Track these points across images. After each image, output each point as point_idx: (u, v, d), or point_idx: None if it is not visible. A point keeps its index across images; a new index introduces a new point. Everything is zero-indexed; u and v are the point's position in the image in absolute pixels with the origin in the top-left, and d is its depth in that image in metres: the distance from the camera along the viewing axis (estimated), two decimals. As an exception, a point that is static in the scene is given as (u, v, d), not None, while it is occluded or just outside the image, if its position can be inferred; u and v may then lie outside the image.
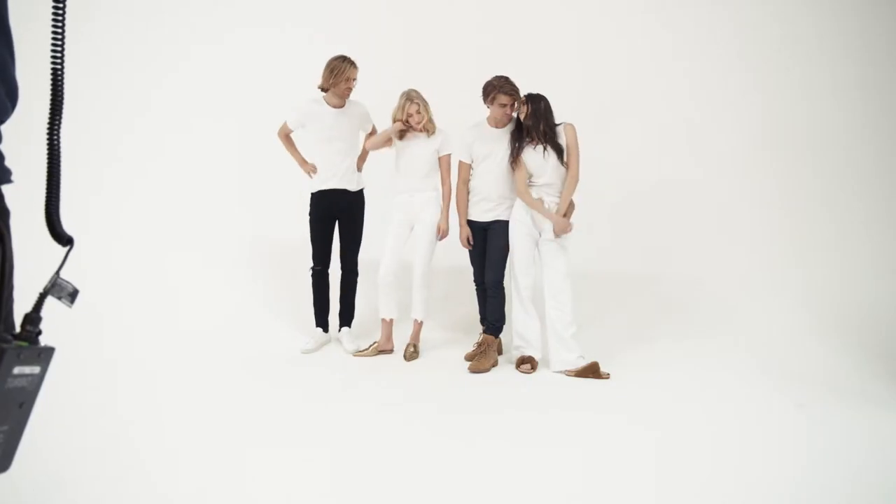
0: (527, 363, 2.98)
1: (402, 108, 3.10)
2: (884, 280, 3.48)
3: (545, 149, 2.98)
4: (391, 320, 3.24)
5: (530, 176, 3.05)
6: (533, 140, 2.99)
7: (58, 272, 0.68)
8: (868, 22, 3.74)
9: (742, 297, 3.65)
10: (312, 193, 3.29)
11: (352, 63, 3.10)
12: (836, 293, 3.50)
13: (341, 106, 3.18)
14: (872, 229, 3.64)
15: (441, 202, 3.24)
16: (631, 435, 2.19)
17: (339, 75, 3.06)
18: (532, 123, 2.96)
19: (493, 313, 3.14)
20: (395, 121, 3.14)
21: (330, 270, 3.40)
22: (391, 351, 3.25)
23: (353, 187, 3.27)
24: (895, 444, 2.14)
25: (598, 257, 3.90)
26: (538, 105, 2.97)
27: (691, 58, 4.04)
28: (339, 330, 3.40)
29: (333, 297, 3.42)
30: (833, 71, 3.81)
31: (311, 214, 3.30)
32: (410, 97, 3.09)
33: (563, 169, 3.01)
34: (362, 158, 3.40)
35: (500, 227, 3.13)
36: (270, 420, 2.28)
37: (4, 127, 0.70)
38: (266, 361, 3.07)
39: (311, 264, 3.36)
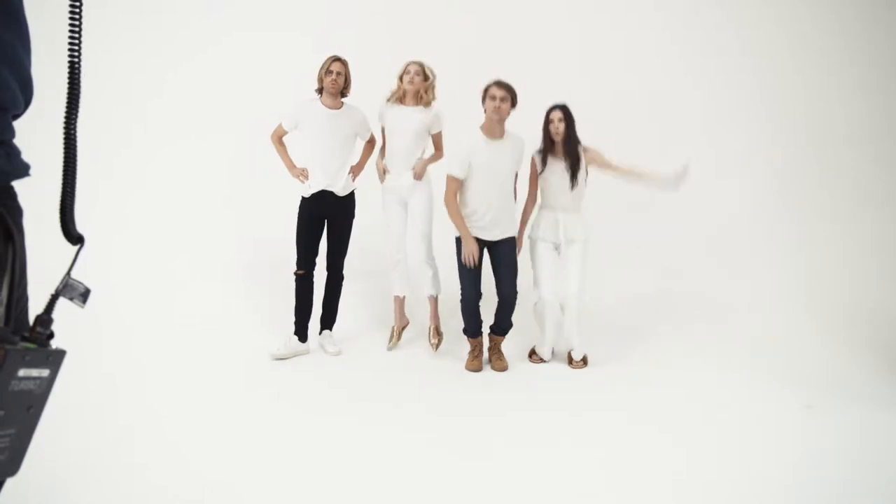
0: (535, 354, 3.26)
1: (404, 67, 3.15)
2: (888, 282, 3.58)
3: (570, 170, 3.02)
4: (403, 297, 3.42)
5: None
6: (564, 159, 3.02)
7: (69, 273, 0.67)
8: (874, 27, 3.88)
9: (749, 300, 3.73)
10: (303, 197, 3.25)
11: (335, 57, 3.11)
12: (841, 295, 3.60)
13: (337, 108, 3.17)
14: (877, 233, 3.76)
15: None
16: (641, 436, 2.26)
17: (321, 69, 3.10)
18: (570, 140, 2.99)
19: (507, 320, 3.16)
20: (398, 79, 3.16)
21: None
22: (408, 324, 3.47)
23: (343, 191, 3.24)
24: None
25: (605, 260, 3.92)
26: (572, 120, 3.01)
27: (695, 58, 4.14)
28: (320, 333, 3.37)
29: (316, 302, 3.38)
30: (838, 76, 3.93)
31: (299, 217, 3.26)
32: (416, 60, 3.15)
33: (577, 191, 3.07)
34: (359, 167, 3.38)
35: (511, 244, 3.12)
36: (274, 423, 2.32)
37: (20, 122, 0.68)
38: (260, 365, 3.07)
39: (295, 268, 3.32)
